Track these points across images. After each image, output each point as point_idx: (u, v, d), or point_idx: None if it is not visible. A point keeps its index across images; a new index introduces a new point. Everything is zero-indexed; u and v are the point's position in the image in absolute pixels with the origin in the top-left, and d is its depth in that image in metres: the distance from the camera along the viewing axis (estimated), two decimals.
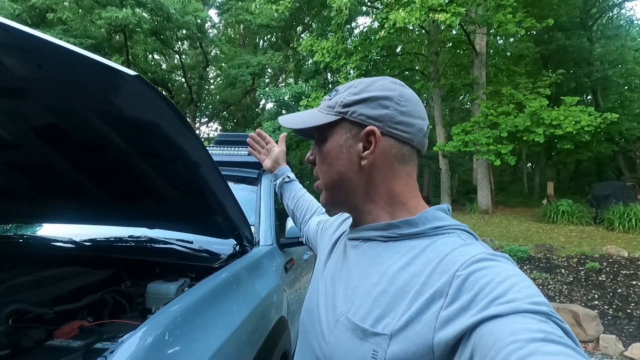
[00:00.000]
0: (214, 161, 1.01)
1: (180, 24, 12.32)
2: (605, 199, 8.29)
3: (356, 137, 0.60)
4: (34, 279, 1.13)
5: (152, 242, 1.50)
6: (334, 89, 0.67)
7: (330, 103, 0.64)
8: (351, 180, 0.62)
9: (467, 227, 0.58)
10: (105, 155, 1.09)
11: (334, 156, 0.63)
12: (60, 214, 1.53)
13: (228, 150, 2.31)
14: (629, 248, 5.80)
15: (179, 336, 0.85)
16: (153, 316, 0.86)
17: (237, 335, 1.05)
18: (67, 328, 0.92)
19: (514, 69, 12.14)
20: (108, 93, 0.76)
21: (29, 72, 0.73)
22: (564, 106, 8.36)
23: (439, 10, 7.91)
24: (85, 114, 0.88)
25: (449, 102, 18.01)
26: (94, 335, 0.92)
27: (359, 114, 0.59)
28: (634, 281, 4.86)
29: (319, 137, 0.66)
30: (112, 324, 1.01)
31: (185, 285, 1.30)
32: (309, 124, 0.65)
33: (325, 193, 0.67)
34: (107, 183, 1.26)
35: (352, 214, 0.67)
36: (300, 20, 17.77)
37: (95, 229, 1.71)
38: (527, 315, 0.39)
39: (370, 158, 0.59)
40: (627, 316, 4.23)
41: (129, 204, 1.33)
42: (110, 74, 0.69)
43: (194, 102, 17.14)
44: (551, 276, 5.26)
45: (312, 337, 0.62)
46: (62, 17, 11.07)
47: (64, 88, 0.79)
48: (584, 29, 14.88)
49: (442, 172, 11.69)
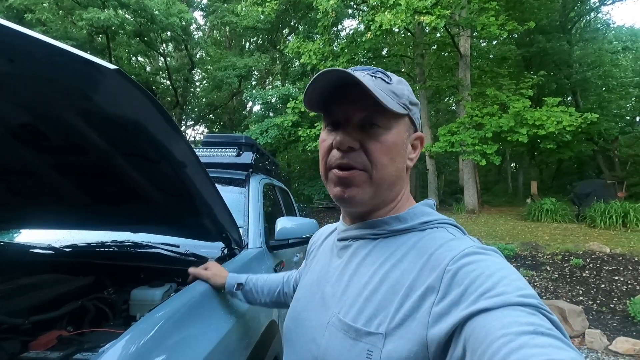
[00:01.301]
0: (201, 161, 0.98)
1: (164, 26, 12.13)
2: (587, 197, 8.53)
3: (410, 137, 0.61)
4: (8, 287, 1.07)
5: (136, 247, 1.45)
6: (377, 69, 0.58)
7: (394, 90, 0.57)
8: (400, 179, 0.60)
9: (454, 221, 0.59)
10: (85, 157, 1.04)
11: (398, 151, 0.57)
12: (38, 219, 1.46)
13: (215, 151, 2.27)
14: (610, 244, 5.96)
15: (164, 344, 0.81)
16: (137, 323, 0.82)
17: (226, 341, 1.01)
18: (44, 339, 0.87)
19: (498, 70, 12.42)
20: (87, 89, 0.72)
21: (0, 66, 0.68)
22: (546, 107, 8.58)
23: (424, 13, 8.02)
24: (63, 112, 0.83)
25: (435, 103, 18.26)
26: (73, 346, 0.87)
27: (417, 117, 0.61)
28: (616, 276, 4.99)
29: (379, 122, 0.55)
30: (94, 333, 0.96)
31: (171, 291, 1.25)
32: (391, 104, 0.54)
33: (371, 187, 0.57)
34: (88, 186, 1.21)
35: (367, 212, 0.61)
36: (287, 23, 17.76)
37: (75, 234, 1.65)
38: (516, 308, 0.39)
39: (415, 161, 0.61)
40: (611, 311, 4.33)
41: (111, 207, 1.28)
42: (89, 68, 0.66)
43: (180, 105, 16.89)
44: (537, 273, 5.35)
45: (301, 343, 0.61)
46: (41, 18, 10.77)
47: (40, 84, 0.75)
48: (564, 32, 15.32)
49: (429, 172, 11.81)
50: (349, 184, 0.57)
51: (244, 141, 2.32)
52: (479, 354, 0.37)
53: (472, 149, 8.75)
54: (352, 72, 0.53)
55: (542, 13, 13.81)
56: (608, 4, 15.89)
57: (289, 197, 3.38)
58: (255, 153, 2.33)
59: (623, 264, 5.22)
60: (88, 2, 11.09)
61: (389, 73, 0.59)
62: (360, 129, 0.56)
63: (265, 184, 2.32)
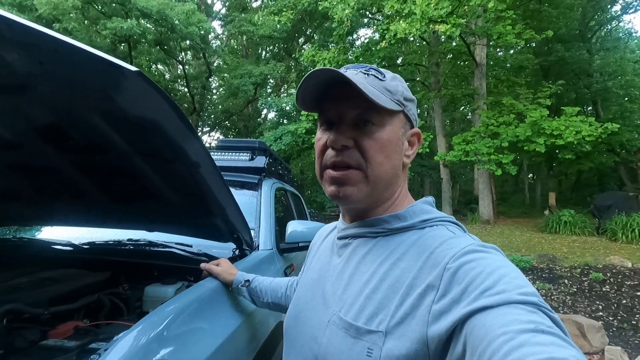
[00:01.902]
0: (215, 162, 1.01)
1: (184, 35, 12.48)
2: (608, 209, 8.26)
3: (406, 134, 0.61)
4: (30, 280, 1.12)
5: (150, 245, 1.49)
6: (369, 67, 0.58)
7: (388, 87, 0.56)
8: (396, 177, 0.60)
9: (453, 219, 0.59)
10: (105, 156, 1.09)
11: (393, 148, 0.57)
12: (59, 216, 1.52)
13: (229, 155, 2.32)
14: (632, 259, 5.74)
15: (174, 337, 0.84)
16: (148, 315, 0.85)
17: (233, 338, 1.03)
18: (62, 328, 0.91)
19: (514, 79, 12.25)
20: (109, 90, 0.76)
21: (31, 68, 0.73)
22: (565, 116, 8.40)
23: (439, 22, 8.02)
24: (86, 112, 0.88)
25: (450, 112, 18.10)
26: (89, 336, 0.90)
27: (413, 113, 0.61)
28: (639, 292, 4.79)
29: (373, 119, 0.55)
30: (109, 325, 0.99)
31: (183, 289, 1.28)
32: (383, 101, 0.53)
33: (367, 186, 0.57)
34: (108, 185, 1.26)
35: (362, 210, 0.62)
36: (302, 32, 18.01)
37: (94, 232, 1.70)
38: (517, 306, 0.39)
39: (412, 157, 0.61)
40: (632, 327, 4.16)
41: (128, 206, 1.33)
42: (112, 70, 0.70)
43: (197, 112, 17.26)
44: (554, 287, 5.19)
45: (302, 342, 0.61)
46: (68, 28, 11.23)
47: (66, 85, 0.79)
48: (583, 41, 15.03)
49: (443, 182, 11.67)
50: (343, 182, 0.57)
51: (258, 146, 2.36)
52: (480, 352, 0.37)
53: (487, 158, 8.63)
54: (345, 70, 0.54)
55: (560, 22, 13.60)
56: (630, 12, 15.57)
57: (300, 202, 3.41)
58: (268, 158, 2.36)
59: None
60: (112, 12, 11.54)
61: (383, 70, 0.59)
62: (354, 127, 0.56)
63: (277, 188, 2.35)
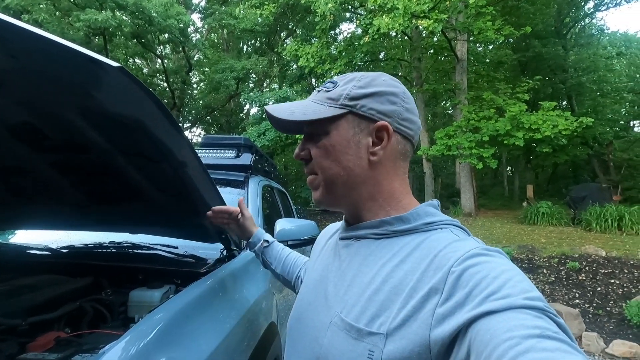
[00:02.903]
0: (202, 161, 0.97)
1: (162, 28, 12.10)
2: (582, 200, 8.58)
3: (364, 131, 0.59)
4: (5, 288, 1.06)
5: (134, 248, 1.44)
6: (328, 81, 0.63)
7: (331, 95, 0.60)
8: (357, 176, 0.60)
9: (458, 223, 0.58)
10: (86, 156, 1.03)
11: (341, 151, 0.59)
12: (36, 219, 1.45)
13: (214, 152, 2.26)
14: (606, 247, 6.00)
15: (164, 346, 0.81)
16: (136, 325, 0.81)
17: (226, 343, 1.00)
18: (42, 340, 0.86)
19: (494, 75, 12.50)
20: (89, 87, 0.71)
21: (2, 63, 0.67)
22: (542, 111, 8.63)
23: (421, 17, 8.06)
24: (64, 110, 0.82)
25: (432, 107, 18.35)
26: (71, 347, 0.85)
27: (369, 108, 0.59)
28: (612, 279, 5.01)
29: (317, 131, 0.61)
30: (92, 335, 0.95)
31: (170, 292, 1.24)
32: (312, 115, 0.59)
33: (325, 190, 0.62)
34: (88, 186, 1.20)
35: (349, 212, 0.64)
36: (285, 26, 17.79)
37: (73, 235, 1.63)
38: (522, 310, 0.39)
39: (380, 154, 0.59)
40: (607, 314, 4.35)
41: (110, 207, 1.27)
42: (92, 65, 0.65)
43: (177, 107, 16.83)
44: (534, 276, 5.37)
45: (304, 342, 0.61)
46: (38, 19, 10.71)
47: (41, 81, 0.74)
48: (559, 37, 15.45)
49: (426, 176, 11.84)
50: (315, 188, 0.64)
51: (243, 142, 2.31)
52: (485, 357, 0.37)
53: (469, 152, 8.78)
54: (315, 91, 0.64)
55: (537, 18, 13.91)
56: (602, 9, 16.08)
57: (287, 199, 3.38)
58: (254, 155, 2.32)
59: (619, 267, 5.25)
60: (85, 3, 11.04)
61: (340, 78, 0.62)
62: (310, 139, 0.63)
63: (264, 185, 2.31)
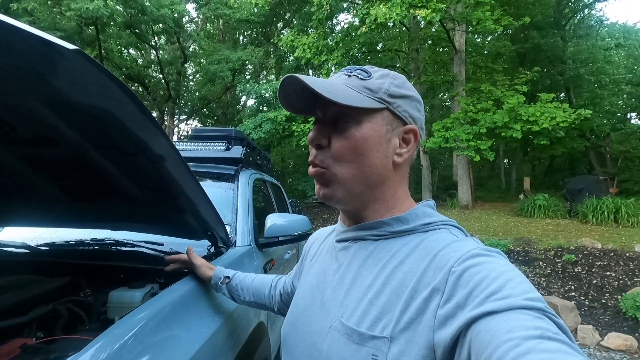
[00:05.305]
0: (181, 155, 0.91)
1: (155, 18, 11.87)
2: (579, 193, 8.58)
3: (395, 131, 0.58)
4: None
5: (116, 245, 1.38)
6: (358, 67, 0.59)
7: (369, 85, 0.56)
8: (380, 175, 0.58)
9: (455, 223, 0.58)
10: (56, 149, 0.96)
11: (371, 146, 0.56)
12: (10, 216, 1.38)
13: (203, 145, 2.19)
14: (602, 240, 6.00)
15: (143, 350, 0.75)
16: (110, 328, 0.75)
17: (211, 344, 0.95)
18: (6, 348, 0.79)
19: (492, 66, 12.37)
20: (45, 73, 0.64)
21: None
22: (540, 103, 8.57)
23: (419, 6, 7.94)
24: (25, 99, 0.75)
25: (429, 99, 18.23)
26: (38, 355, 0.80)
27: (404, 109, 0.58)
28: (608, 272, 5.02)
29: (346, 118, 0.55)
30: (64, 341, 0.89)
31: (152, 292, 1.18)
32: (353, 102, 0.54)
33: (338, 185, 0.57)
34: (62, 181, 1.13)
35: (354, 211, 0.61)
36: (281, 16, 17.54)
37: (54, 232, 1.57)
38: (522, 311, 0.39)
39: (405, 156, 0.58)
40: (603, 306, 4.35)
41: (87, 203, 1.20)
42: (46, 49, 0.58)
43: (172, 99, 16.63)
44: (530, 269, 5.37)
45: (300, 349, 0.59)
46: (27, 8, 10.46)
47: None
48: (558, 28, 15.31)
49: (423, 168, 11.80)
50: (325, 183, 0.59)
51: (234, 135, 2.24)
52: (485, 358, 0.36)
53: (466, 144, 8.73)
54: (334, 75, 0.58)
55: (536, 9, 13.76)
56: (602, 0, 15.95)
57: (281, 193, 3.31)
58: (245, 147, 2.25)
59: (614, 260, 5.26)
60: None
61: (372, 69, 0.58)
62: (333, 125, 0.57)
63: (256, 179, 2.25)
